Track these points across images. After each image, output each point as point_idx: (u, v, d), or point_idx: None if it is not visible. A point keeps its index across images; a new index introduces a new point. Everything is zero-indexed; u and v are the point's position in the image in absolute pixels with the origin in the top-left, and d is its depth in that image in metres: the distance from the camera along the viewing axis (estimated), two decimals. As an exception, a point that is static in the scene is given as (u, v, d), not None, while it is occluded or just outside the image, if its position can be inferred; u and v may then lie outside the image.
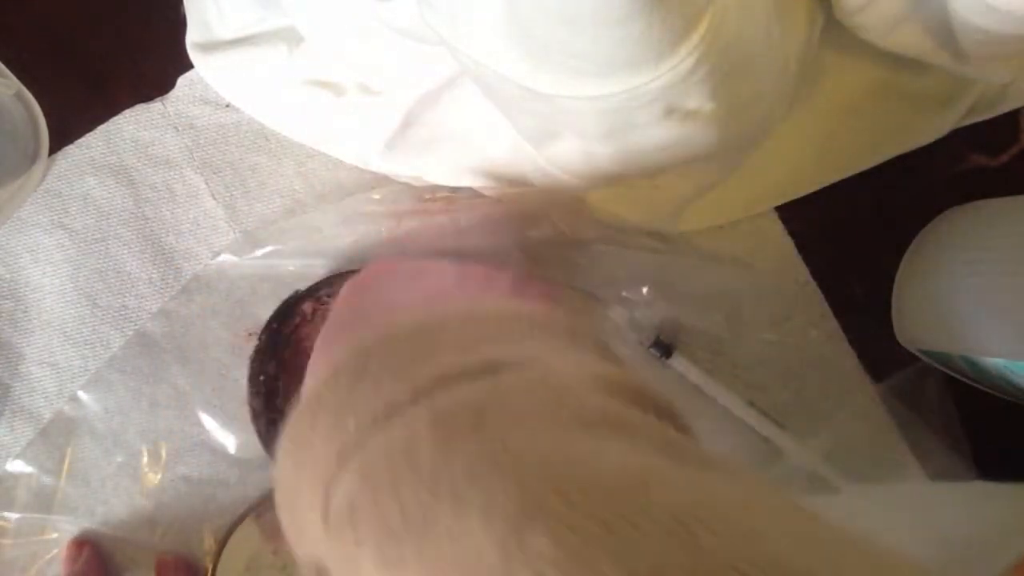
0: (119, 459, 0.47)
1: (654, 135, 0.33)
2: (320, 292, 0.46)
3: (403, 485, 0.20)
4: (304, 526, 0.23)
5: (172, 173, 0.48)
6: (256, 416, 0.45)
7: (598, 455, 0.20)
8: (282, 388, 0.47)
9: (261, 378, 0.46)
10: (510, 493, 0.18)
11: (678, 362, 0.46)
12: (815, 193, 0.47)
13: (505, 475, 0.19)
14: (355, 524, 0.20)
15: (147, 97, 0.48)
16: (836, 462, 0.46)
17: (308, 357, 0.47)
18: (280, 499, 0.25)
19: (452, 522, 0.18)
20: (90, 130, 0.48)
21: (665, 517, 0.17)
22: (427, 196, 0.47)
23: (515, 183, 0.44)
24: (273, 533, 0.45)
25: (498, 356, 0.24)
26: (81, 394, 0.47)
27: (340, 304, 0.36)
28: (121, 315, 0.47)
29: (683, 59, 0.28)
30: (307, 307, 0.46)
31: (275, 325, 0.46)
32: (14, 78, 0.46)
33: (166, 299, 0.47)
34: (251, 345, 0.46)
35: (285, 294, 0.46)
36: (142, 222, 0.48)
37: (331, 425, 0.23)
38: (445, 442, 0.20)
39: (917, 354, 0.47)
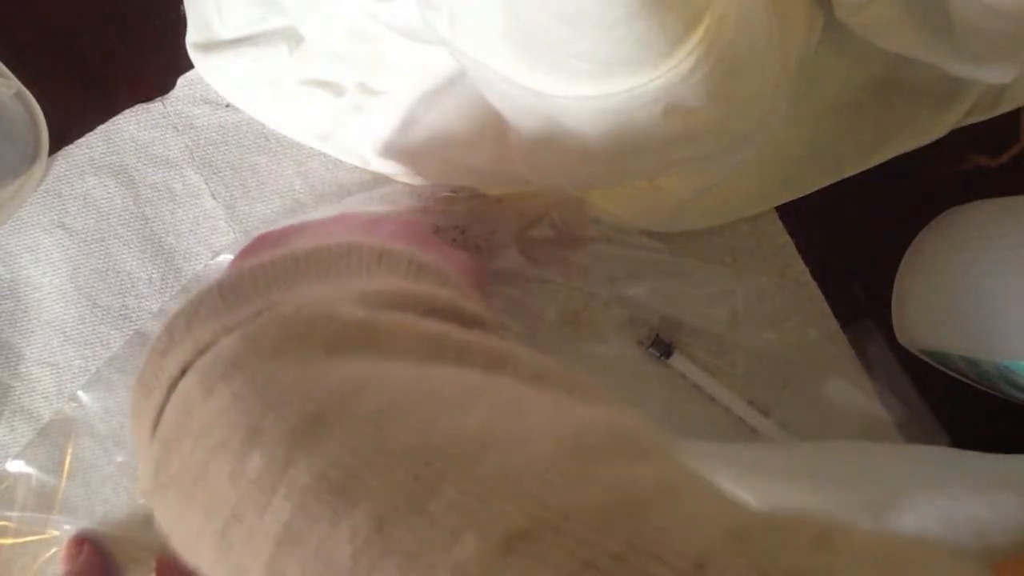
0: (119, 459, 0.47)
1: (654, 135, 0.33)
2: (320, 292, 0.46)
3: (183, 439, 0.22)
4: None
5: (172, 173, 0.48)
6: None
7: (327, 374, 0.22)
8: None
9: None
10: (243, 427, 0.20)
11: (678, 362, 0.46)
12: (815, 193, 0.47)
13: (248, 412, 0.21)
14: (159, 477, 0.23)
15: (147, 97, 0.48)
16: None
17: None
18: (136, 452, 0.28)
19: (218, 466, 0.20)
20: (90, 130, 0.48)
21: (364, 416, 0.20)
22: (427, 196, 0.47)
23: (515, 183, 0.44)
24: None
25: (273, 300, 0.26)
26: (81, 394, 0.47)
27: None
28: (121, 315, 0.47)
29: (683, 59, 0.28)
30: (307, 307, 0.46)
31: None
32: (14, 78, 0.46)
33: (166, 299, 0.47)
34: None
35: (285, 294, 0.46)
36: (142, 222, 0.48)
37: (153, 374, 0.25)
38: (207, 392, 0.22)
39: (917, 354, 0.47)
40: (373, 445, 0.19)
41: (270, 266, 0.28)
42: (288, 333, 0.24)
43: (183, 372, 0.24)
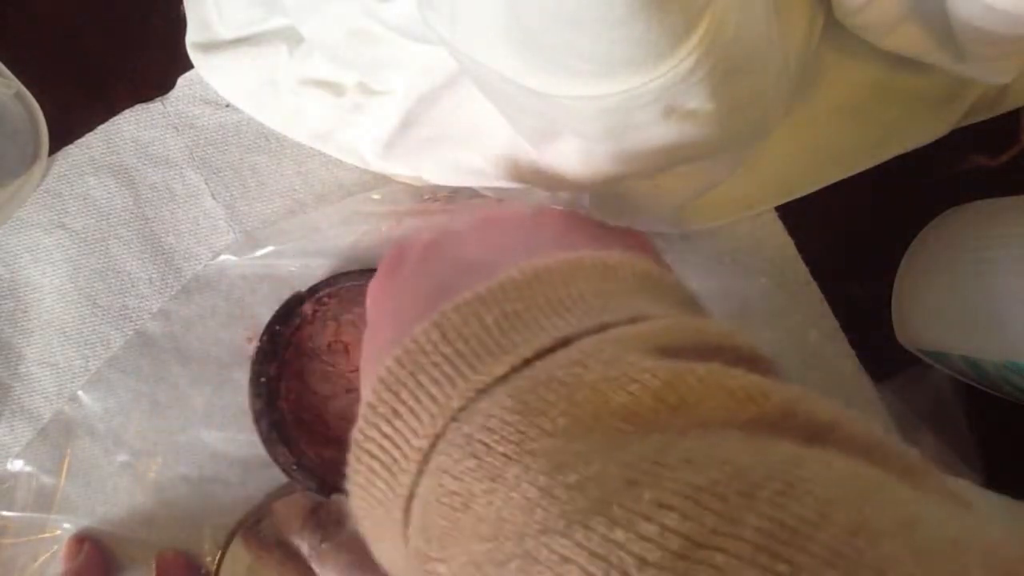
0: (119, 459, 0.47)
1: (654, 135, 0.33)
2: (320, 293, 0.46)
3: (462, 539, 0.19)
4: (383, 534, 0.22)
5: (172, 173, 0.48)
6: (258, 418, 0.45)
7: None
8: (283, 390, 0.47)
9: (262, 380, 0.46)
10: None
11: (678, 362, 0.46)
12: (815, 193, 0.47)
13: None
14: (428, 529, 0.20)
15: (147, 97, 0.48)
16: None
17: (309, 358, 0.47)
18: (357, 506, 0.23)
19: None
20: (90, 130, 0.48)
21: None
22: (427, 196, 0.47)
23: (515, 183, 0.44)
24: (260, 545, 0.45)
25: (520, 352, 0.22)
26: (81, 394, 0.47)
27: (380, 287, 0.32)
28: (121, 315, 0.47)
29: (683, 59, 0.28)
30: (308, 308, 0.46)
31: (276, 326, 0.46)
32: (14, 78, 0.46)
33: (166, 299, 0.47)
34: (251, 346, 0.46)
35: (285, 294, 0.46)
36: (142, 222, 0.48)
37: (414, 419, 0.21)
38: (492, 478, 0.19)
39: (917, 354, 0.47)
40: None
41: (493, 302, 0.23)
42: (576, 400, 0.19)
43: (432, 446, 0.21)
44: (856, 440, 0.19)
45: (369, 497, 0.22)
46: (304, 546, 0.44)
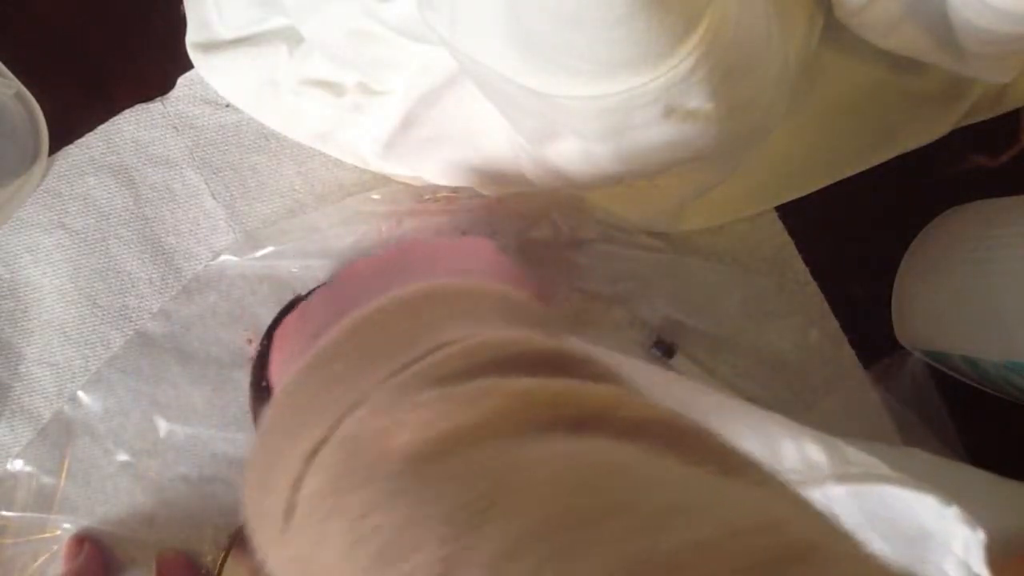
0: (119, 459, 0.47)
1: (654, 135, 0.33)
2: (320, 292, 0.46)
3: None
4: (263, 530, 0.24)
5: (172, 173, 0.48)
6: (258, 419, 0.45)
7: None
8: (282, 388, 0.47)
9: (263, 383, 0.46)
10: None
11: (680, 362, 0.46)
12: (815, 193, 0.47)
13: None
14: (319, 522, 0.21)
15: (147, 97, 0.48)
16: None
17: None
18: (248, 501, 0.25)
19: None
20: (90, 130, 0.48)
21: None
22: (427, 196, 0.47)
23: (515, 183, 0.44)
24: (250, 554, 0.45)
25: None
26: (81, 394, 0.47)
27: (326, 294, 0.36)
28: (121, 315, 0.47)
29: (683, 59, 0.28)
30: (307, 307, 0.46)
31: (276, 329, 0.46)
32: (14, 78, 0.46)
33: (166, 299, 0.47)
34: (251, 347, 0.46)
35: (285, 295, 0.46)
36: (142, 222, 0.48)
37: (300, 423, 0.24)
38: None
39: (917, 354, 0.47)
40: None
41: (317, 366, 0.26)
42: (359, 453, 0.22)
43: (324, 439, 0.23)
44: (628, 421, 0.21)
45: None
46: None
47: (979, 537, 0.31)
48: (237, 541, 0.45)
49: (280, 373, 0.35)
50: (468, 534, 0.17)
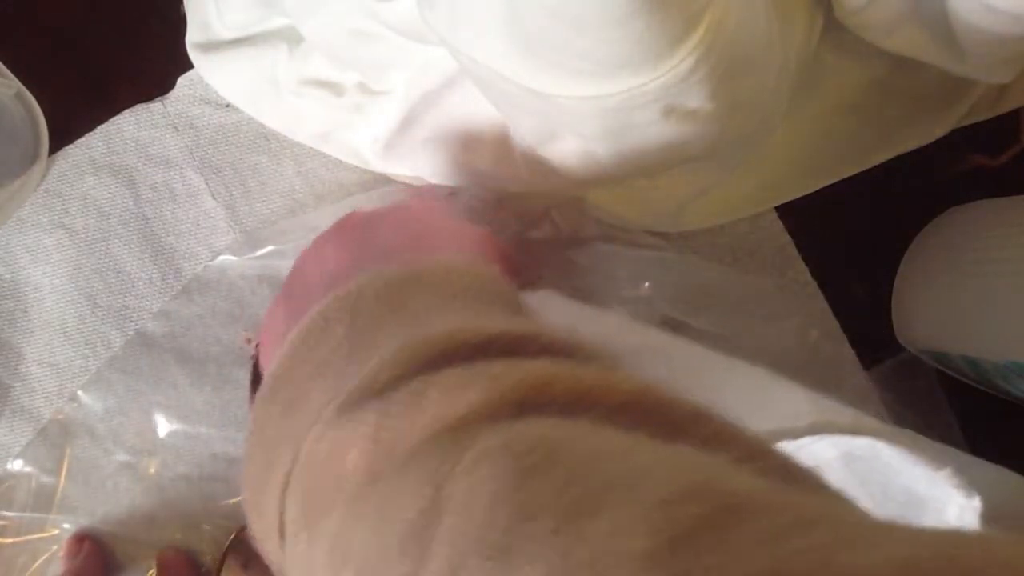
0: (119, 459, 0.47)
1: (654, 135, 0.33)
2: (320, 292, 0.46)
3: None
4: (266, 531, 0.24)
5: (172, 173, 0.48)
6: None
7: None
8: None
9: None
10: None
11: (678, 362, 0.46)
12: (815, 193, 0.47)
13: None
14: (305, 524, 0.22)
15: (147, 97, 0.48)
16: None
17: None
18: (246, 496, 0.26)
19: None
20: (90, 130, 0.48)
21: None
22: (427, 196, 0.47)
23: (515, 183, 0.44)
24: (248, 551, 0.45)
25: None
26: (81, 394, 0.47)
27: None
28: (121, 315, 0.47)
29: (683, 59, 0.28)
30: (307, 307, 0.46)
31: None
32: (14, 78, 0.46)
33: (166, 299, 0.47)
34: (251, 347, 0.46)
35: (285, 294, 0.46)
36: (142, 222, 0.48)
37: (269, 459, 0.24)
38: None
39: (917, 354, 0.47)
40: None
41: (277, 388, 0.26)
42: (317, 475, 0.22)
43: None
44: (567, 395, 0.21)
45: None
46: None
47: (974, 504, 0.30)
48: (232, 546, 0.45)
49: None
50: (419, 559, 0.18)
